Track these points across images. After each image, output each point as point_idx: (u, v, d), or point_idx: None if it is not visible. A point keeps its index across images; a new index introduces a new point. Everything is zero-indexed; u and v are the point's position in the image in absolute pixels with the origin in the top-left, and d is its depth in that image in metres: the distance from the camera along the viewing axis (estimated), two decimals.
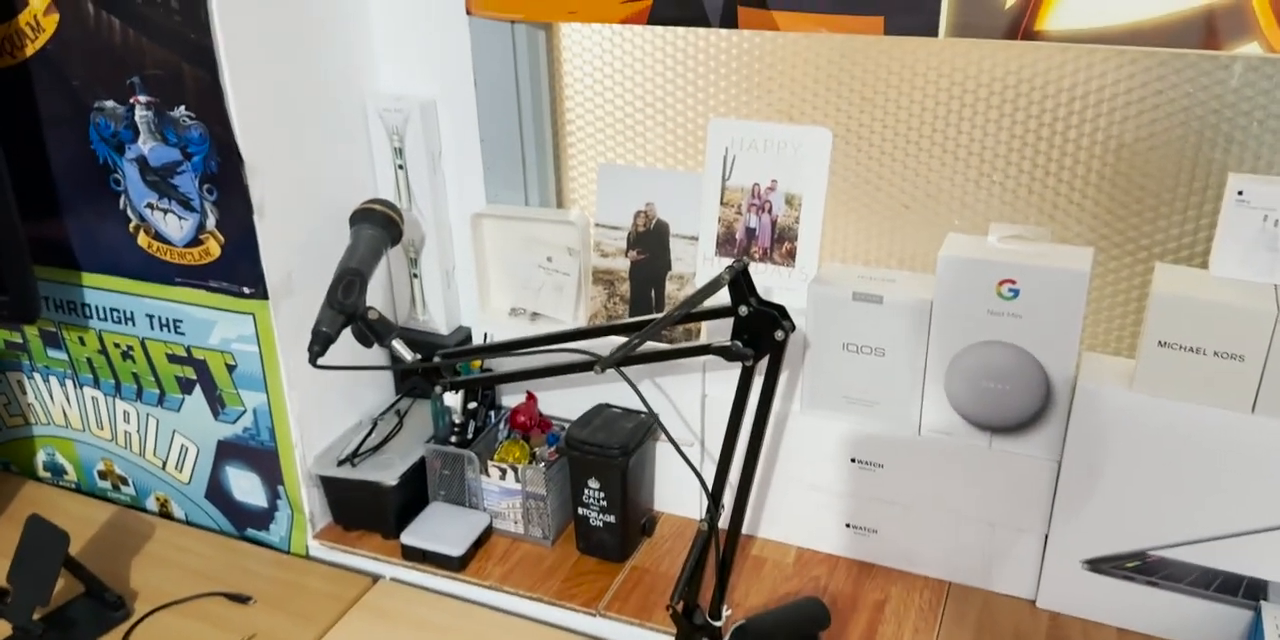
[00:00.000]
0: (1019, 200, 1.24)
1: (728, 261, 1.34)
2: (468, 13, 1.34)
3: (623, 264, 1.40)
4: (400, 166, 1.44)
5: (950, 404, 1.24)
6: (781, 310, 1.03)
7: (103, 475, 1.57)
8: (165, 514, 1.54)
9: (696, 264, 1.36)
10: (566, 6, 1.28)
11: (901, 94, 1.24)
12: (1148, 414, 1.12)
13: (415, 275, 1.51)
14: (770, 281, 1.32)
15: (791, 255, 1.31)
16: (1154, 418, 1.12)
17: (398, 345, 1.24)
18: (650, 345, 1.11)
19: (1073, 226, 1.23)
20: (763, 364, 1.05)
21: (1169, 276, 1.11)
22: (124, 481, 1.55)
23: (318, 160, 1.36)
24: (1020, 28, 1.10)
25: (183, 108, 1.21)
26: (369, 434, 1.43)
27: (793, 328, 1.04)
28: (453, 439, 1.40)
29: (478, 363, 1.42)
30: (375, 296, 1.52)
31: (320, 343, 1.20)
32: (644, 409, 1.41)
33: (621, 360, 1.10)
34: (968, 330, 1.19)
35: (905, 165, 1.28)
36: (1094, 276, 1.25)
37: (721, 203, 1.33)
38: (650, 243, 1.39)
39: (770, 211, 1.31)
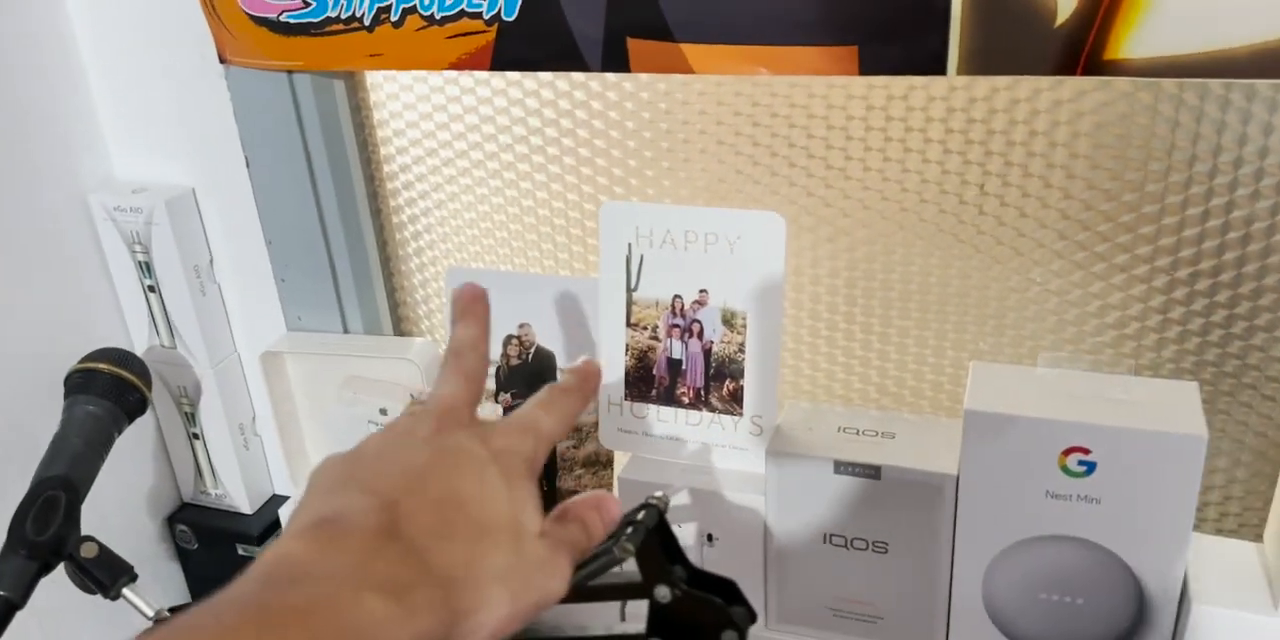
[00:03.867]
0: (1074, 309, 0.82)
1: (644, 408, 0.90)
2: (221, 61, 0.89)
3: (493, 412, 0.96)
4: (151, 288, 0.98)
5: (993, 622, 0.82)
6: (730, 589, 0.60)
7: None
8: None
9: (600, 411, 0.92)
10: (365, 48, 0.83)
11: (888, 160, 0.81)
12: None
13: (195, 435, 1.05)
14: (708, 437, 0.89)
15: (737, 398, 0.88)
16: None
17: (131, 596, 0.79)
18: None
19: (1160, 346, 0.81)
20: None
21: None
22: None
23: (11, 301, 0.90)
24: (1081, 56, 0.68)
25: None
26: None
27: (750, 618, 0.60)
28: None
29: None
30: (143, 469, 1.05)
31: None
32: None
33: None
34: (1015, 520, 0.78)
35: (900, 258, 0.85)
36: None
37: (629, 323, 0.89)
38: (530, 381, 0.95)
39: (701, 335, 0.87)
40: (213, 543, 1.07)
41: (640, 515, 0.59)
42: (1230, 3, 0.63)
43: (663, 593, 0.59)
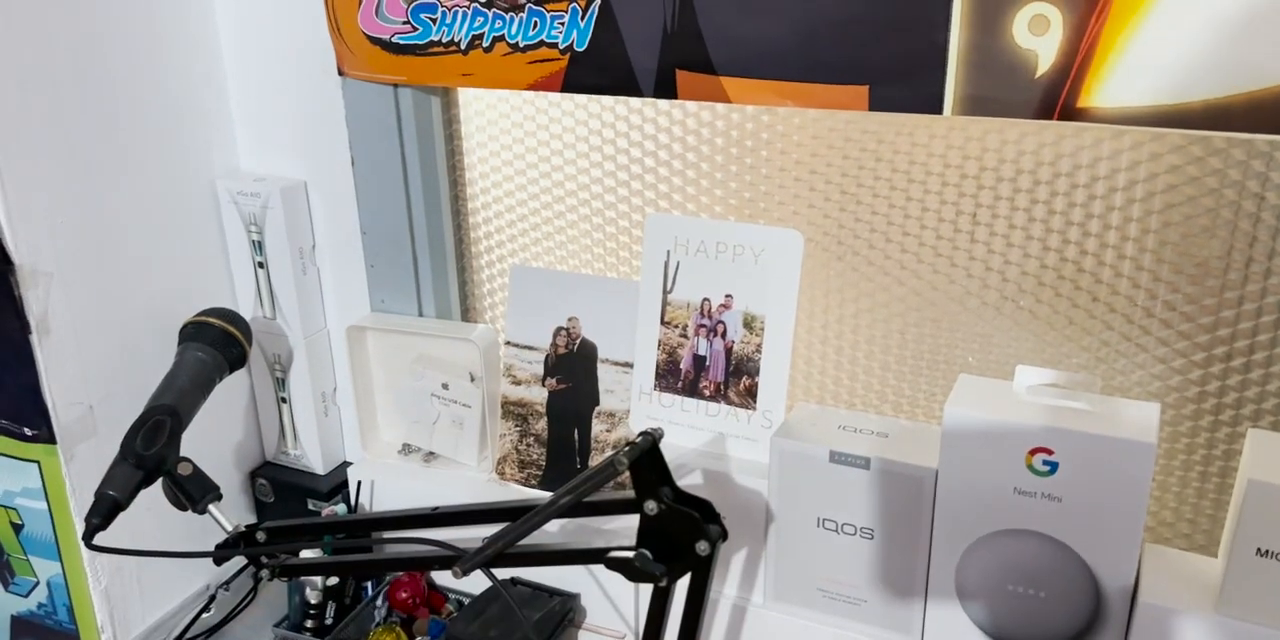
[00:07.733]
0: (1053, 332, 0.92)
1: (670, 398, 1.02)
2: (340, 74, 1.04)
3: (539, 394, 1.09)
4: (260, 265, 1.13)
5: (963, 610, 0.91)
6: (707, 508, 0.71)
7: None
8: None
9: (631, 399, 1.04)
10: (459, 68, 0.98)
11: (894, 188, 0.93)
12: None
13: (283, 399, 1.19)
14: (724, 427, 1.00)
15: (752, 393, 0.99)
16: None
17: (215, 512, 0.92)
18: (532, 539, 0.79)
19: (1128, 370, 0.90)
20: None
21: (1268, 451, 0.79)
22: None
23: (143, 259, 1.06)
24: (1057, 104, 0.79)
25: None
26: (200, 612, 1.10)
27: (723, 536, 0.72)
28: (309, 623, 1.07)
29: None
30: (234, 426, 1.20)
31: (101, 513, 0.89)
32: (564, 589, 1.08)
33: (488, 561, 0.78)
34: (986, 514, 0.87)
35: (900, 281, 0.96)
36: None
37: (663, 321, 1.01)
38: (574, 369, 1.07)
39: (724, 335, 0.99)
40: (287, 496, 1.21)
41: (638, 439, 0.71)
42: (1184, 63, 0.73)
43: (650, 506, 0.70)
